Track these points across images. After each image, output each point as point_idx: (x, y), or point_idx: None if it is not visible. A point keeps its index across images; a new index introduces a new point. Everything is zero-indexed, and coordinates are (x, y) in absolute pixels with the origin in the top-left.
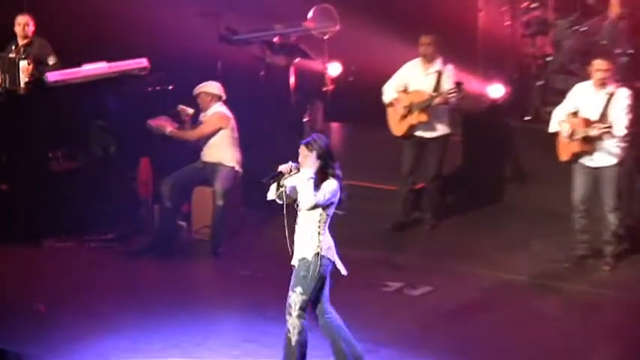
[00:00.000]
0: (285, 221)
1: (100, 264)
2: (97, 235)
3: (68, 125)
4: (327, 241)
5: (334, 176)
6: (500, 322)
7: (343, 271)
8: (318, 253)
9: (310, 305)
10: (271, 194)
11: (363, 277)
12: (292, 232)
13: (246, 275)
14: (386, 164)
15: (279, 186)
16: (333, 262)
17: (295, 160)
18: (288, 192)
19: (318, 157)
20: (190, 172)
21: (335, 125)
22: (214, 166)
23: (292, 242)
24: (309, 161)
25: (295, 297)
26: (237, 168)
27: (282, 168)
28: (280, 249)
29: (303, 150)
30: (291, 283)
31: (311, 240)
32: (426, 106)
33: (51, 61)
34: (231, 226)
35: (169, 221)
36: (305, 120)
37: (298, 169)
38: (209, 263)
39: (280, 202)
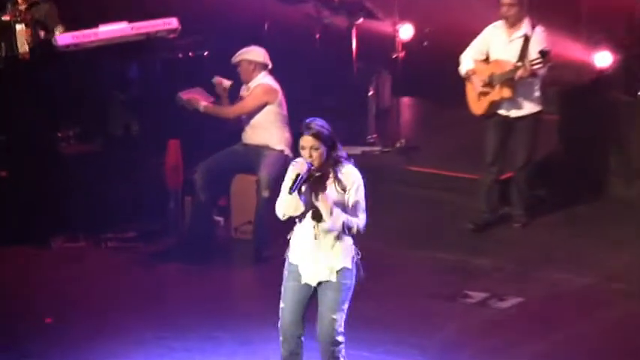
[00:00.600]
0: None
1: (119, 268)
2: (115, 233)
3: (81, 99)
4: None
5: (340, 159)
6: (606, 338)
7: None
8: (353, 257)
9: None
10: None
11: (440, 286)
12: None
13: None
14: (466, 149)
15: (292, 186)
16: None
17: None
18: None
19: (328, 148)
20: (229, 156)
21: (405, 101)
22: (259, 150)
23: (307, 258)
24: (319, 156)
25: (340, 316)
26: (287, 152)
27: (299, 169)
28: None
29: (309, 141)
30: (327, 301)
31: (346, 245)
32: (510, 79)
33: (58, 31)
34: (279, 224)
35: (203, 217)
36: (369, 94)
37: (317, 169)
38: (252, 270)
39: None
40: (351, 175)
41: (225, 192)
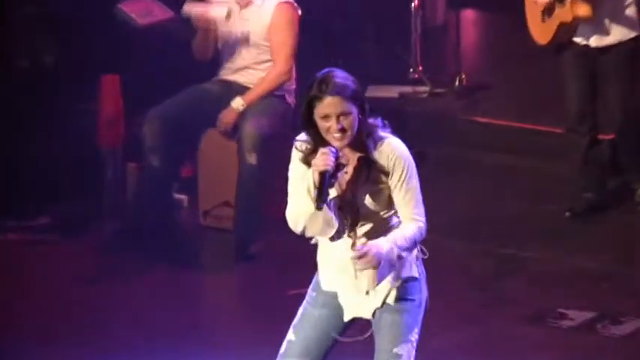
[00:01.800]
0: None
1: (24, 272)
2: (19, 219)
3: None
4: None
5: (373, 128)
6: None
7: None
8: (418, 261)
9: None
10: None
11: (522, 300)
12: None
13: (296, 295)
14: (561, 88)
15: (320, 196)
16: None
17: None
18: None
19: (360, 111)
20: (197, 100)
21: (467, 16)
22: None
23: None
24: (351, 125)
25: (407, 350)
26: (290, 99)
27: (322, 165)
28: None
29: (336, 105)
30: (385, 330)
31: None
32: None
33: None
34: (273, 207)
35: (156, 193)
36: (413, 7)
37: (343, 162)
38: (230, 275)
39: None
40: (394, 152)
41: (190, 156)
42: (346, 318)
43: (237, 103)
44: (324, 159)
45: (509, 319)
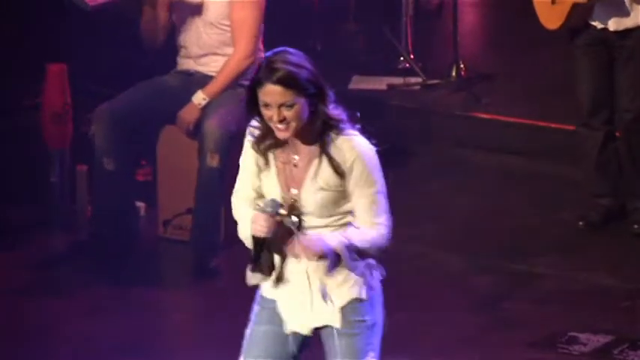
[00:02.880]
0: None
1: None
2: None
3: None
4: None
5: (335, 120)
6: None
7: None
8: (369, 282)
9: None
10: (255, 277)
11: (532, 322)
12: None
13: None
14: (566, 81)
15: (259, 252)
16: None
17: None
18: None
19: (312, 100)
20: (153, 94)
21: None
22: (208, 83)
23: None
24: (296, 116)
25: None
26: None
27: (259, 231)
28: None
29: (275, 93)
30: (337, 354)
31: (356, 265)
32: None
33: None
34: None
35: (109, 199)
36: None
37: (294, 216)
38: (189, 291)
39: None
40: (353, 150)
41: (148, 157)
42: (287, 330)
43: (198, 97)
44: (255, 225)
45: (514, 344)
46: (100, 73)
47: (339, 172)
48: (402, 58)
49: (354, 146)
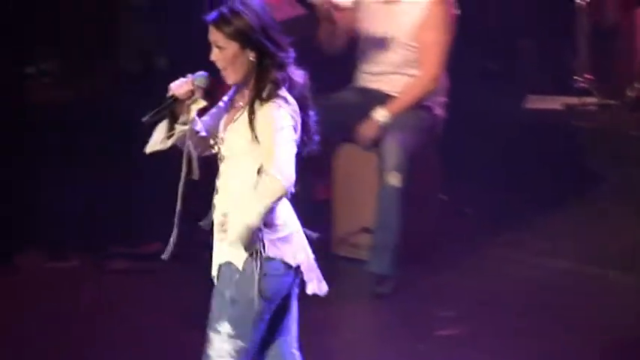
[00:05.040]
0: (181, 190)
1: (132, 303)
2: (124, 247)
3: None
4: (282, 224)
5: (271, 80)
6: None
7: (320, 291)
8: (257, 252)
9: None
10: (155, 143)
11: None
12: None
13: (448, 336)
14: None
15: (172, 126)
16: (298, 272)
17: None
18: (197, 133)
19: (244, 42)
20: (332, 110)
21: None
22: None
23: (212, 230)
24: (225, 60)
25: (219, 342)
26: (438, 110)
27: (175, 88)
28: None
29: (211, 32)
30: (211, 313)
31: (239, 222)
32: None
33: None
34: (418, 234)
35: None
36: (579, 4)
37: (205, 88)
38: (367, 309)
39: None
40: (267, 115)
41: (325, 175)
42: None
43: (380, 114)
44: (182, 84)
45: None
46: None
47: (253, 128)
48: (577, 78)
49: (270, 113)
